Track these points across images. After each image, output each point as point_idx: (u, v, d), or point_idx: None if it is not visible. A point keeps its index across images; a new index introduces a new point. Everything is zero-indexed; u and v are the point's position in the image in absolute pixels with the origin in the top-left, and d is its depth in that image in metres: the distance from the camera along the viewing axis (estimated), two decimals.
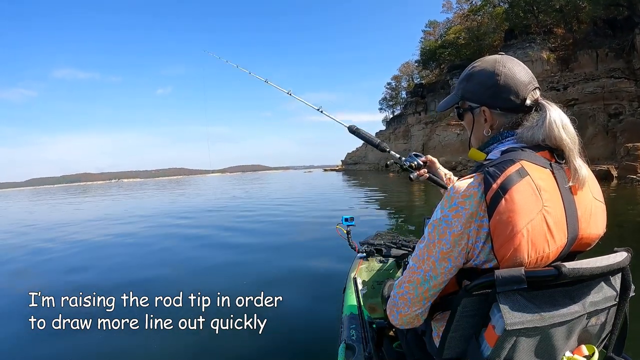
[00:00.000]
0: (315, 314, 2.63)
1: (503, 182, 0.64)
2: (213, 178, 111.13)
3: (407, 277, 0.76)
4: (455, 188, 0.69)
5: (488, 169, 0.67)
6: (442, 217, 0.70)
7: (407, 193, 13.87)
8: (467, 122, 0.85)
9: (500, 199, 0.63)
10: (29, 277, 4.34)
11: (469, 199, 0.67)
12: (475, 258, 0.69)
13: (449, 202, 0.69)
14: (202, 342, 2.28)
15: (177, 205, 13.90)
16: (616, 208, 7.25)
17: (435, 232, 0.71)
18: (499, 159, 0.71)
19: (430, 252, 0.71)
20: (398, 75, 59.85)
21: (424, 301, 0.75)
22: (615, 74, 19.99)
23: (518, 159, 0.68)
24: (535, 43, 25.55)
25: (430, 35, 46.43)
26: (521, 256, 0.64)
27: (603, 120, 19.64)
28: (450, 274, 0.71)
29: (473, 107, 0.82)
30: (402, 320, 0.79)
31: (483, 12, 34.59)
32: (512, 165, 0.66)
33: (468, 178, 0.70)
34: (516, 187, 0.64)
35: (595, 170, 14.18)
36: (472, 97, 0.81)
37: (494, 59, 0.79)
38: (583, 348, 0.71)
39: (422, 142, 38.28)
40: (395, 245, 1.76)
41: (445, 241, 0.69)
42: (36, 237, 7.45)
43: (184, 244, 5.79)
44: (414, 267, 0.74)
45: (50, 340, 2.28)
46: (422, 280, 0.73)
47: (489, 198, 0.65)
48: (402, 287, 0.76)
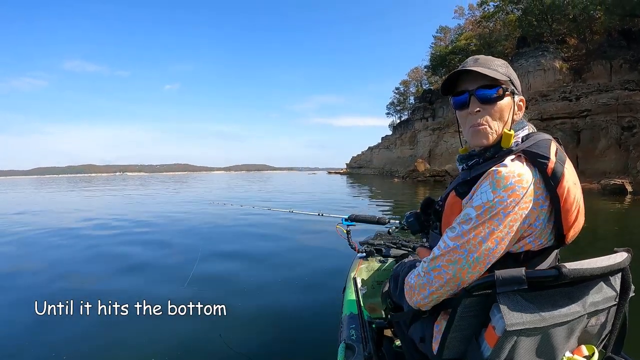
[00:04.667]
0: (315, 313, 2.62)
1: (558, 155, 0.69)
2: (218, 175, 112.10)
3: (445, 253, 0.71)
4: (508, 168, 0.68)
5: (532, 150, 0.71)
6: (496, 198, 0.67)
7: (411, 194, 13.80)
8: (503, 106, 0.79)
9: (563, 169, 0.68)
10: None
11: (525, 177, 0.68)
12: (531, 236, 0.71)
13: (503, 182, 0.67)
14: (202, 341, 2.29)
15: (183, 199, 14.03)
16: (633, 225, 7.11)
17: (486, 214, 0.68)
18: (529, 140, 0.76)
19: (478, 233, 0.68)
20: (407, 81, 59.75)
21: (459, 282, 0.70)
22: (630, 85, 19.63)
23: (548, 138, 0.74)
24: (548, 52, 25.26)
25: (440, 41, 46.29)
26: (580, 222, 0.73)
27: (616, 133, 19.28)
28: (493, 257, 0.69)
29: (516, 93, 0.82)
30: (432, 298, 0.74)
31: (495, 19, 34.38)
32: (552, 143, 0.72)
33: (515, 160, 0.71)
34: (567, 159, 0.71)
35: (609, 184, 13.88)
36: (516, 85, 0.83)
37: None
38: (583, 348, 0.71)
39: (429, 148, 38.07)
40: (395, 245, 1.75)
41: (498, 221, 0.67)
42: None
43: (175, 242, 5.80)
44: (455, 246, 0.70)
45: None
46: (463, 260, 0.69)
47: (550, 171, 0.68)
48: (439, 264, 0.72)
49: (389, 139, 56.59)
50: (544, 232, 0.72)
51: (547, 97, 23.00)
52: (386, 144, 56.91)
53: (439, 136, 36.64)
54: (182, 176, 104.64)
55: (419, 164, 32.04)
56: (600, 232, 6.05)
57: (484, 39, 35.27)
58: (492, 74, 0.77)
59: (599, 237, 5.59)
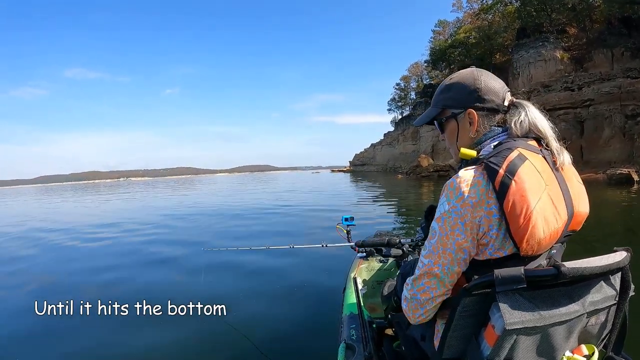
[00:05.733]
0: (315, 313, 2.62)
1: (509, 167, 0.67)
2: (221, 177, 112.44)
3: (424, 273, 0.75)
4: (459, 178, 0.71)
5: (489, 159, 0.70)
6: (451, 208, 0.70)
7: (415, 194, 13.75)
8: (450, 130, 0.88)
9: (510, 181, 0.66)
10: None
11: (474, 187, 0.69)
12: (490, 247, 0.70)
13: (455, 192, 0.70)
14: (202, 341, 2.29)
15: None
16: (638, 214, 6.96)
17: (446, 225, 0.71)
18: (495, 150, 0.74)
19: (445, 245, 0.71)
20: (407, 76, 59.43)
21: (446, 293, 0.75)
22: (632, 73, 19.37)
23: (515, 147, 0.72)
24: (548, 42, 25.03)
25: (440, 35, 46.01)
26: (538, 233, 0.67)
27: (620, 121, 19.09)
28: (466, 264, 0.73)
29: (456, 113, 0.85)
30: (429, 313, 0.78)
31: (494, 11, 34.11)
32: (512, 152, 0.70)
33: (468, 169, 0.72)
34: (521, 170, 0.67)
35: (616, 174, 13.74)
36: (455, 103, 0.85)
37: (469, 70, 0.86)
38: (583, 347, 0.71)
39: (432, 144, 37.92)
40: (395, 245, 1.74)
41: (459, 231, 0.70)
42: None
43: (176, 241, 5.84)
44: (430, 263, 0.74)
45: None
46: (442, 274, 0.73)
47: (497, 183, 0.67)
48: (422, 283, 0.75)
49: (391, 135, 56.48)
50: (505, 243, 0.70)
51: (549, 87, 22.82)
52: (388, 140, 56.80)
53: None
54: (186, 179, 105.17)
55: (423, 160, 31.99)
56: (611, 226, 5.78)
57: (483, 31, 35.02)
58: (427, 111, 0.92)
59: (609, 231, 5.28)
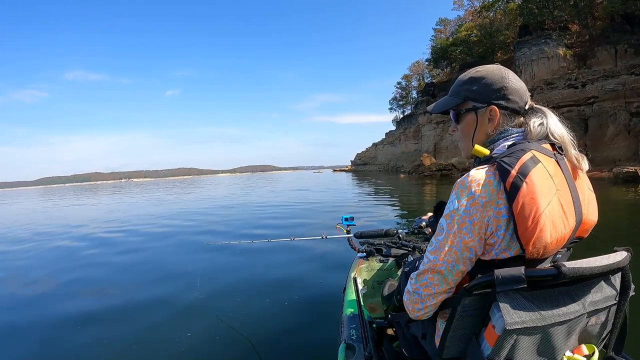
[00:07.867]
0: (315, 313, 2.62)
1: (521, 168, 0.67)
2: (224, 178, 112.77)
3: (428, 268, 0.75)
4: (471, 177, 0.71)
5: (502, 159, 0.69)
6: (460, 206, 0.70)
7: (417, 194, 13.71)
8: (467, 123, 0.86)
9: (521, 183, 0.65)
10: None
11: (484, 187, 0.69)
12: (496, 247, 0.70)
13: (465, 191, 0.70)
14: (202, 341, 2.29)
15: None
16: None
17: (454, 222, 0.71)
18: (508, 150, 0.73)
19: (451, 243, 0.71)
20: (408, 75, 59.31)
21: (448, 291, 0.75)
22: (636, 70, 19.13)
23: (528, 149, 0.71)
24: (550, 39, 24.85)
25: (441, 33, 45.88)
26: (545, 237, 0.65)
27: (624, 119, 18.89)
28: (471, 263, 0.72)
29: (478, 107, 0.83)
30: (428, 310, 0.78)
31: (496, 8, 33.93)
32: (525, 154, 0.69)
33: (480, 169, 0.72)
34: (533, 172, 0.66)
35: (622, 172, 13.57)
36: (479, 97, 0.82)
37: (496, 66, 0.84)
38: (583, 347, 0.72)
39: (434, 143, 37.82)
40: (395, 245, 1.74)
41: (467, 230, 0.70)
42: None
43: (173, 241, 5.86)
44: (435, 259, 0.74)
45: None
46: (445, 272, 0.73)
47: (508, 184, 0.66)
48: (425, 278, 0.76)
49: (392, 135, 56.35)
50: (512, 244, 0.69)
51: (552, 85, 22.66)
52: (390, 139, 56.67)
53: (443, 129, 36.32)
54: (188, 180, 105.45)
55: (425, 159, 31.92)
56: (616, 225, 5.60)
57: (485, 29, 34.90)
58: (445, 99, 0.88)
59: (614, 231, 5.08)
